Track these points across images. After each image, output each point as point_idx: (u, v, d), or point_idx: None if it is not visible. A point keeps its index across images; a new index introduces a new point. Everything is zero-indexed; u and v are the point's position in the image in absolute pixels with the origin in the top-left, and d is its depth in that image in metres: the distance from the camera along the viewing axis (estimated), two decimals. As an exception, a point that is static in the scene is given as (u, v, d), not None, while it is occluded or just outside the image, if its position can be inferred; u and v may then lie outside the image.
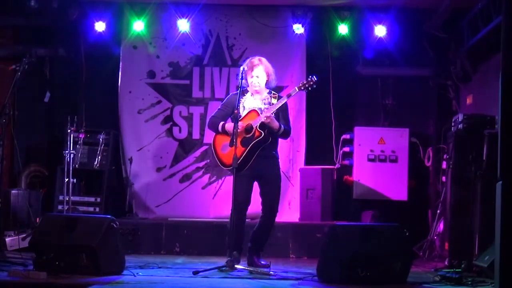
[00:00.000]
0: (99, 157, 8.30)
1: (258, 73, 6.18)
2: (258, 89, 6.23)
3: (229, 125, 6.11)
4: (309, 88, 6.10)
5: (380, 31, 8.38)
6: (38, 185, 8.51)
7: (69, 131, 7.60)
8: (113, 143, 8.44)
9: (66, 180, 7.52)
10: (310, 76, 6.13)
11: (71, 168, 7.50)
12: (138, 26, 8.56)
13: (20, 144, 7.17)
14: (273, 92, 6.29)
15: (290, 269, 6.29)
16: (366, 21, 8.40)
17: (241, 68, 6.23)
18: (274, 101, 6.15)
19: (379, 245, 5.38)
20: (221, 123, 6.20)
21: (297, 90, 6.08)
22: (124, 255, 5.78)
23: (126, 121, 8.75)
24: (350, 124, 8.63)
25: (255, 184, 6.22)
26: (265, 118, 5.98)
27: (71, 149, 7.59)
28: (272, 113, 6.03)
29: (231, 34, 8.78)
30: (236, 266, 5.84)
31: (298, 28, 8.48)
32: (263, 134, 6.02)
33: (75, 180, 7.85)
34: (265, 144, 6.06)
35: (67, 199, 7.57)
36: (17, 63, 6.47)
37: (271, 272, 5.82)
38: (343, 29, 8.45)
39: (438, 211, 7.51)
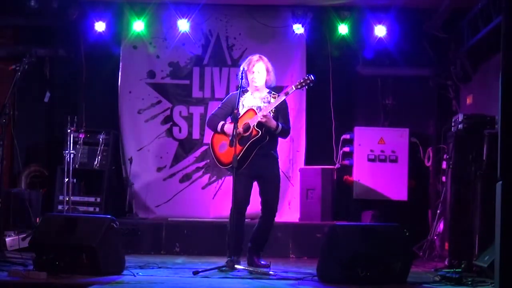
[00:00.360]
0: (99, 157, 8.30)
1: (259, 69, 6.20)
2: (258, 86, 6.23)
3: (228, 127, 6.11)
4: (306, 87, 6.12)
5: (380, 31, 8.38)
6: (38, 185, 8.51)
7: (69, 131, 7.60)
8: (113, 143, 8.44)
9: (66, 180, 7.52)
10: (307, 75, 6.15)
11: (71, 168, 7.50)
12: (138, 26, 8.56)
13: (20, 144, 7.16)
14: (273, 92, 6.30)
15: (290, 269, 6.29)
16: (366, 21, 8.40)
17: (241, 68, 6.25)
18: (273, 100, 6.16)
19: (379, 245, 5.38)
20: (221, 123, 6.21)
21: (294, 88, 6.09)
22: (124, 255, 5.78)
23: (126, 121, 8.74)
24: (350, 124, 8.63)
25: (255, 184, 6.23)
26: (262, 117, 5.99)
27: (71, 149, 7.59)
28: (270, 112, 6.04)
29: (231, 34, 8.78)
30: (236, 266, 5.84)
31: (298, 28, 8.47)
32: (260, 133, 6.02)
33: (75, 180, 7.85)
34: (263, 142, 6.06)
35: (67, 199, 7.57)
36: (17, 63, 6.47)
37: (271, 272, 5.82)
38: (343, 29, 8.45)
39: (438, 211, 7.51)
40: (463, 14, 7.78)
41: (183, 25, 8.52)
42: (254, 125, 6.03)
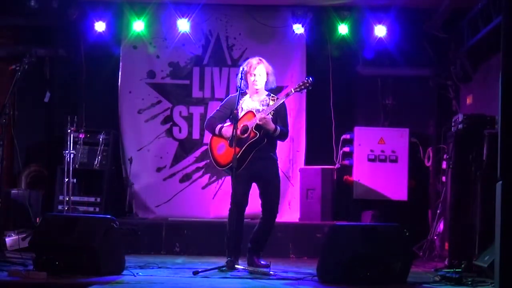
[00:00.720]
0: (99, 157, 8.30)
1: (260, 71, 6.20)
2: (258, 88, 6.23)
3: (226, 130, 6.11)
4: (306, 90, 6.12)
5: (380, 31, 8.38)
6: (38, 185, 8.51)
7: (69, 131, 7.61)
8: (113, 143, 8.45)
9: (66, 180, 7.52)
10: (306, 78, 6.15)
11: (71, 168, 7.50)
12: (138, 26, 8.57)
13: (20, 144, 7.15)
14: (271, 95, 6.29)
15: (290, 269, 6.28)
16: (366, 21, 8.41)
17: (241, 69, 6.24)
18: (272, 103, 6.16)
19: (379, 245, 5.38)
20: (219, 126, 6.21)
21: (293, 91, 6.09)
22: (124, 255, 5.78)
23: (126, 121, 8.75)
24: (350, 124, 8.63)
25: (255, 184, 6.22)
26: (260, 119, 5.98)
27: (71, 149, 7.60)
28: (268, 114, 6.04)
29: (231, 34, 8.78)
30: (236, 266, 5.84)
31: (298, 28, 8.47)
32: (258, 135, 6.02)
33: (75, 180, 7.85)
34: (261, 145, 6.05)
35: (67, 199, 7.57)
36: (17, 63, 6.46)
37: (271, 272, 5.82)
38: (343, 29, 8.45)
39: (438, 211, 7.52)
40: (463, 14, 7.78)
41: (183, 25, 8.53)
42: (252, 127, 6.03)
